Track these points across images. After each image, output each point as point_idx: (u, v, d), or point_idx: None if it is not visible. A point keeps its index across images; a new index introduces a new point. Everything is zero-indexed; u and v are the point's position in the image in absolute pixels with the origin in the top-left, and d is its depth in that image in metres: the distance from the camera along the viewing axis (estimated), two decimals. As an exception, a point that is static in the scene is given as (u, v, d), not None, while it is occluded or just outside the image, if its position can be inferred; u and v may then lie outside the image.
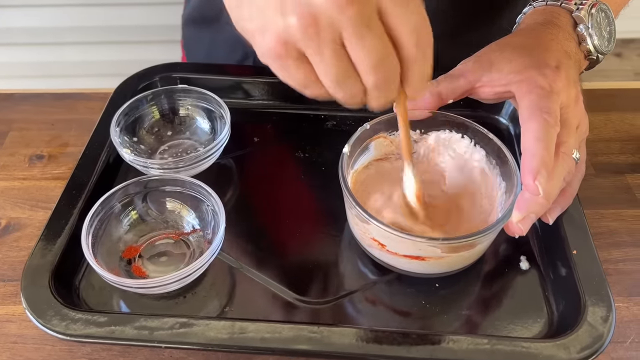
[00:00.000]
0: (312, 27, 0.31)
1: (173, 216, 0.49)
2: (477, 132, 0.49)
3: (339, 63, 0.33)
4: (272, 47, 0.33)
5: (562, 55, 0.46)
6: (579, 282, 0.43)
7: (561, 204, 0.46)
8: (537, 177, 0.40)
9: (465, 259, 0.45)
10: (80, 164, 0.52)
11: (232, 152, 0.56)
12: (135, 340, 0.40)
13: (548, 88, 0.43)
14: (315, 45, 0.32)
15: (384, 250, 0.44)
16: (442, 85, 0.48)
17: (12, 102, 0.66)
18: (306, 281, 0.46)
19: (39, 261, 0.44)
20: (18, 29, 1.40)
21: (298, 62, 0.34)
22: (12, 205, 0.54)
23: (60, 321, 0.40)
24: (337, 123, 0.60)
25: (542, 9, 0.50)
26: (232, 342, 0.40)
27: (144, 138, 0.56)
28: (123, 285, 0.42)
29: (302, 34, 0.32)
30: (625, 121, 0.63)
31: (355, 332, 0.40)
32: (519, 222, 0.42)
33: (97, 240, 0.45)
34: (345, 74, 0.34)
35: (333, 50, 0.32)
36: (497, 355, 0.39)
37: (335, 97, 0.36)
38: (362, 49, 0.32)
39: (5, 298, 0.47)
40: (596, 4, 0.48)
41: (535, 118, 0.42)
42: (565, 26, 0.48)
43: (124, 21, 1.39)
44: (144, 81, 0.60)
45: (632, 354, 0.44)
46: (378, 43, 0.32)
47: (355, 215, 0.44)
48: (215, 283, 0.46)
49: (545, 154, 0.41)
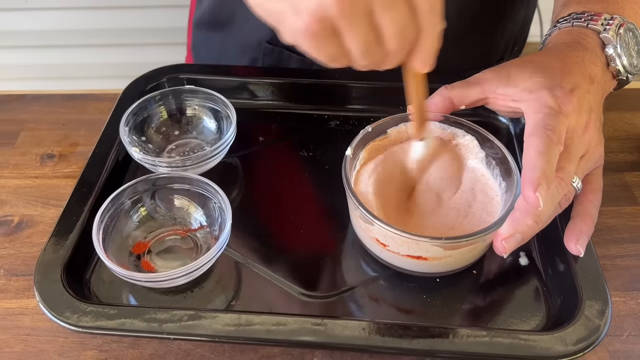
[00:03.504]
0: (347, 1, 0.32)
1: (181, 213, 0.51)
2: (476, 133, 0.50)
3: (370, 34, 0.34)
4: (307, 25, 0.33)
5: (583, 79, 0.45)
6: (577, 277, 0.44)
7: (586, 232, 0.45)
8: (537, 189, 0.40)
9: (466, 258, 0.46)
10: (90, 163, 0.53)
11: (237, 151, 0.57)
12: (145, 332, 0.41)
13: (557, 109, 0.42)
14: (351, 18, 0.33)
15: (385, 250, 0.45)
16: (455, 90, 0.48)
17: (24, 102, 0.67)
18: (310, 276, 0.47)
19: (51, 256, 0.45)
20: (30, 32, 1.43)
21: (332, 38, 0.34)
22: (24, 203, 0.56)
23: (73, 314, 0.42)
24: (340, 122, 0.61)
25: (568, 30, 0.49)
26: (239, 334, 0.41)
27: (152, 137, 0.57)
28: (133, 279, 0.44)
29: (338, 9, 0.32)
30: (624, 120, 0.64)
31: (358, 324, 0.41)
32: (504, 239, 0.42)
33: (108, 236, 0.47)
34: (373, 44, 0.35)
35: (365, 20, 0.34)
36: (496, 346, 0.40)
37: (357, 64, 0.37)
38: (390, 17, 0.34)
39: (19, 292, 0.49)
40: (624, 24, 0.47)
41: (538, 134, 0.41)
42: (593, 48, 0.47)
43: (132, 24, 1.41)
44: (151, 82, 0.62)
45: (629, 347, 0.45)
46: (404, 11, 0.34)
47: (359, 217, 0.45)
48: (222, 278, 0.47)
49: (546, 168, 0.40)
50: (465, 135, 0.51)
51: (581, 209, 0.46)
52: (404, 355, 0.43)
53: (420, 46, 0.37)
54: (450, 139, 0.51)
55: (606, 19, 0.47)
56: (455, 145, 0.51)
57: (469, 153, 0.51)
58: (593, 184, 0.47)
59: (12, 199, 0.56)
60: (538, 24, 0.78)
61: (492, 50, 0.70)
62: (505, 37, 0.49)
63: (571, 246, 0.45)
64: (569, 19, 0.49)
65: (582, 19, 0.48)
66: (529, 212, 0.41)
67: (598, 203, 0.46)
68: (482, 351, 0.40)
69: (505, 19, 0.67)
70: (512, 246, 0.42)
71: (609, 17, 0.47)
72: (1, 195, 0.57)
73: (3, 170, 0.59)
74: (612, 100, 0.46)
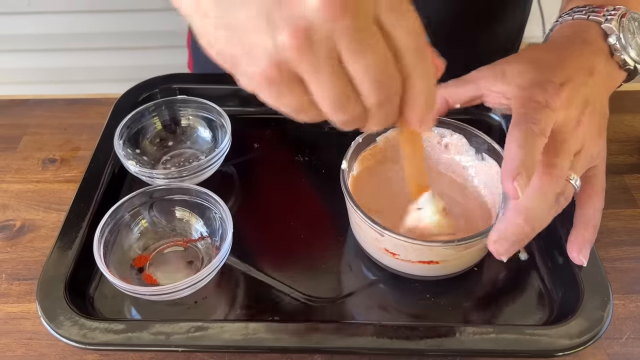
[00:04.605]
0: (306, 43, 0.28)
1: (181, 224, 0.50)
2: (463, 131, 0.51)
3: (338, 82, 0.29)
4: (263, 71, 0.29)
5: (577, 72, 0.43)
6: (577, 270, 0.45)
7: (589, 239, 0.44)
8: (516, 178, 0.38)
9: (475, 257, 0.46)
10: (87, 177, 0.53)
11: (233, 159, 0.57)
12: (153, 346, 0.41)
13: (543, 103, 0.41)
14: (311, 63, 0.28)
15: (394, 259, 0.45)
16: (450, 89, 0.47)
17: (27, 107, 0.68)
18: (313, 281, 0.47)
19: (53, 273, 0.45)
20: (32, 36, 1.43)
21: (292, 85, 0.30)
22: (26, 207, 0.56)
23: (79, 331, 0.41)
24: (334, 127, 0.61)
25: (569, 24, 0.48)
26: (247, 343, 0.41)
27: (146, 149, 0.57)
28: (137, 293, 0.43)
29: (297, 52, 0.28)
30: (624, 122, 0.64)
31: (365, 327, 0.42)
32: (495, 242, 0.41)
33: (109, 251, 0.46)
34: (345, 94, 0.30)
35: (331, 68, 0.29)
36: (501, 342, 0.41)
37: (333, 120, 0.32)
38: (363, 63, 0.29)
39: (21, 296, 0.49)
40: (626, 14, 0.45)
41: (519, 126, 0.40)
42: (595, 40, 0.45)
43: (135, 27, 1.42)
44: (143, 93, 0.61)
45: (628, 349, 0.45)
46: (379, 55, 0.29)
47: (366, 229, 0.44)
48: (224, 287, 0.47)
49: (526, 159, 0.38)
50: (453, 134, 0.51)
51: (583, 214, 0.45)
52: (414, 356, 0.44)
53: (411, 98, 0.32)
54: (439, 141, 0.52)
55: (608, 10, 0.46)
56: (445, 146, 0.52)
57: (459, 151, 0.52)
58: (595, 186, 0.45)
59: (14, 203, 0.57)
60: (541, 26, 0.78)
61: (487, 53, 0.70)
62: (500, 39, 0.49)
63: (574, 256, 0.44)
64: (570, 12, 0.48)
65: (583, 11, 0.47)
66: (519, 211, 0.40)
67: (600, 206, 0.45)
68: (488, 348, 0.41)
69: (500, 22, 0.67)
70: (506, 248, 0.41)
71: (611, 9, 0.46)
72: (3, 199, 0.57)
73: (5, 174, 0.60)
74: (611, 102, 0.45)
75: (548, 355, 0.41)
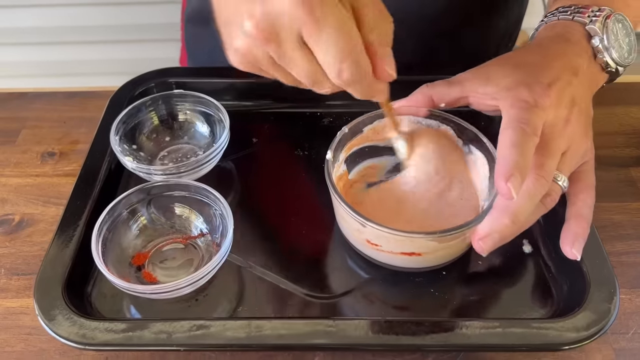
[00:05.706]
0: (269, 29, 0.32)
1: (180, 221, 0.50)
2: (452, 122, 0.50)
3: (309, 65, 0.33)
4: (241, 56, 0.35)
5: (563, 72, 0.44)
6: (583, 262, 0.44)
7: (581, 234, 0.44)
8: (510, 179, 0.38)
9: (460, 248, 0.46)
10: (82, 175, 0.52)
11: (231, 154, 0.56)
12: (154, 345, 0.40)
13: (532, 102, 0.41)
14: (278, 48, 0.33)
15: (376, 250, 0.45)
16: (436, 88, 0.47)
17: (26, 100, 0.67)
18: (315, 277, 0.47)
19: (50, 273, 0.44)
20: (31, 29, 1.42)
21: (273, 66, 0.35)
22: (25, 201, 0.55)
23: (79, 331, 0.41)
24: (333, 120, 0.61)
25: (553, 24, 0.48)
26: (250, 341, 0.40)
27: (143, 145, 0.56)
28: (136, 291, 0.43)
29: (262, 39, 0.32)
30: (630, 115, 0.63)
31: (370, 323, 0.41)
32: (480, 239, 0.41)
33: (107, 249, 0.45)
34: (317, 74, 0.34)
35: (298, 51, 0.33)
36: (508, 337, 0.40)
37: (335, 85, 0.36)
38: (324, 44, 0.32)
39: (20, 291, 0.48)
40: (611, 16, 0.46)
41: (511, 127, 0.40)
42: (578, 41, 0.46)
43: (134, 20, 1.42)
44: (139, 88, 0.60)
45: (635, 344, 0.45)
46: (338, 35, 0.32)
47: (349, 220, 0.44)
48: (225, 284, 0.47)
49: (519, 159, 0.39)
50: (440, 126, 0.51)
51: (574, 210, 0.45)
52: (419, 351, 0.43)
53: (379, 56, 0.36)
54: None
55: (593, 10, 0.46)
56: None
57: None
58: (584, 181, 0.45)
59: (12, 197, 0.56)
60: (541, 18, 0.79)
61: (485, 47, 0.70)
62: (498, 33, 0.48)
63: (566, 250, 0.44)
64: (556, 12, 0.48)
65: (568, 12, 0.47)
66: (506, 211, 0.40)
67: (591, 201, 0.45)
68: (495, 342, 0.40)
69: (499, 15, 0.67)
70: (490, 246, 0.41)
71: (596, 9, 0.46)
72: (2, 193, 0.56)
73: (4, 168, 0.59)
74: (618, 95, 0.45)
75: (555, 348, 0.40)
